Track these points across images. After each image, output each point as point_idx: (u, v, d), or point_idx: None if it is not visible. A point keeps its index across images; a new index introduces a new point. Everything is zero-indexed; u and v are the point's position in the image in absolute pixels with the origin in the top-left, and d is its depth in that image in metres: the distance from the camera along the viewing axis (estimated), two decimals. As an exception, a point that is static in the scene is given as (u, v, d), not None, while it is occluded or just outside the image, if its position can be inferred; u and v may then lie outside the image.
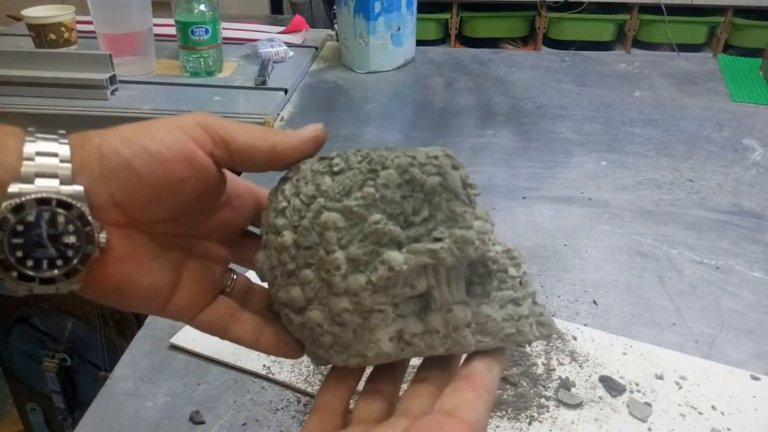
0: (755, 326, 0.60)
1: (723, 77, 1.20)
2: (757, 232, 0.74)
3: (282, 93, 1.08)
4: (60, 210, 0.27)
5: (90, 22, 1.13)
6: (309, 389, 0.52)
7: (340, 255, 0.29)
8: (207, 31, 1.09)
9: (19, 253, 0.27)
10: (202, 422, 0.50)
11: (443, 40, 2.46)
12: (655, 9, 2.30)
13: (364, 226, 0.29)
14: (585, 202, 0.80)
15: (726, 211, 0.78)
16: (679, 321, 0.60)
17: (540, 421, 0.50)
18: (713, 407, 0.51)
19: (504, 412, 0.50)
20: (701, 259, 0.69)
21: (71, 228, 0.27)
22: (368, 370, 0.33)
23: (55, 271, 0.27)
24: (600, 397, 0.52)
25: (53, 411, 1.19)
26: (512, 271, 0.33)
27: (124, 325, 1.06)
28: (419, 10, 1.25)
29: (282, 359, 0.55)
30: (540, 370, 0.54)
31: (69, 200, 0.27)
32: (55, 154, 0.27)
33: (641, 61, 1.29)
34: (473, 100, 1.10)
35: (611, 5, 2.34)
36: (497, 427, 0.49)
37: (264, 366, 0.54)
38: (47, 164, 0.27)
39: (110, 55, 1.04)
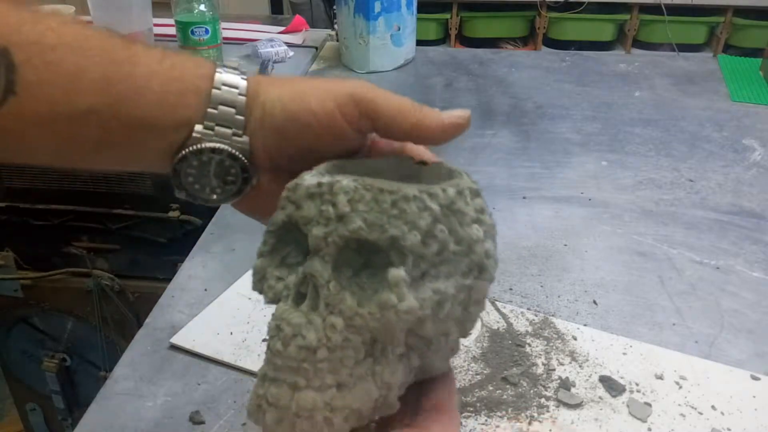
0: (755, 326, 0.60)
1: (723, 77, 1.20)
2: (757, 232, 0.74)
3: (282, 93, 1.08)
4: (228, 159, 0.33)
5: (90, 22, 1.13)
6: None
7: None
8: (207, 31, 1.09)
9: (191, 179, 0.34)
10: (202, 422, 0.50)
11: (443, 40, 2.46)
12: (655, 9, 2.30)
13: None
14: (585, 202, 0.80)
15: (726, 211, 0.78)
16: (679, 321, 0.60)
17: (540, 421, 0.50)
18: (713, 407, 0.51)
19: (504, 412, 0.50)
20: (701, 259, 0.69)
21: (233, 171, 0.34)
22: None
23: (214, 196, 0.35)
24: (600, 397, 0.52)
25: (53, 411, 1.19)
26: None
27: (124, 325, 1.06)
28: (419, 10, 1.25)
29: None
30: (540, 370, 0.54)
31: (236, 153, 0.33)
32: (233, 106, 0.33)
33: (641, 61, 1.29)
34: (473, 100, 1.10)
35: (611, 5, 2.34)
36: (497, 427, 0.49)
37: (264, 366, 0.54)
38: (226, 116, 0.33)
39: (110, 55, 1.04)
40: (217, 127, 0.33)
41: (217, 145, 0.33)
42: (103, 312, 1.05)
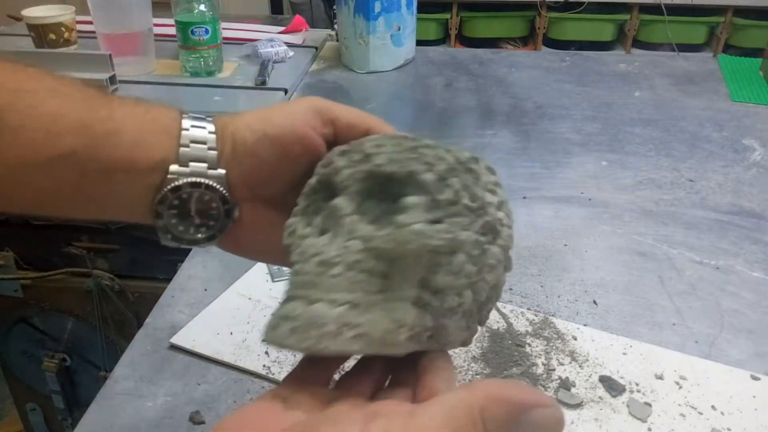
0: (755, 326, 0.60)
1: (723, 77, 1.20)
2: (757, 232, 0.74)
3: (282, 93, 1.08)
4: (207, 192, 0.34)
5: (90, 22, 1.13)
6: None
7: None
8: (207, 31, 1.09)
9: (173, 220, 0.35)
10: (202, 422, 0.50)
11: (443, 40, 2.46)
12: (655, 9, 2.30)
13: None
14: (585, 202, 0.80)
15: (726, 211, 0.78)
16: (679, 321, 0.60)
17: (540, 421, 0.50)
18: (713, 407, 0.51)
19: (504, 412, 0.50)
20: (701, 259, 0.69)
21: (214, 205, 0.35)
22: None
23: (199, 236, 0.36)
24: (600, 397, 0.52)
25: (53, 411, 1.19)
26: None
27: (124, 325, 1.06)
28: (419, 10, 1.25)
29: (282, 359, 0.55)
30: (540, 370, 0.54)
31: (214, 185, 0.34)
32: (204, 142, 0.34)
33: (641, 61, 1.29)
34: (473, 100, 1.10)
35: (611, 5, 2.34)
36: (497, 427, 0.49)
37: (264, 366, 0.54)
38: (198, 152, 0.34)
39: (110, 55, 1.04)
40: (191, 164, 0.34)
41: (194, 179, 0.34)
42: (103, 312, 1.05)
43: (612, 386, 0.53)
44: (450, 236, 0.30)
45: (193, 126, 0.34)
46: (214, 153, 0.34)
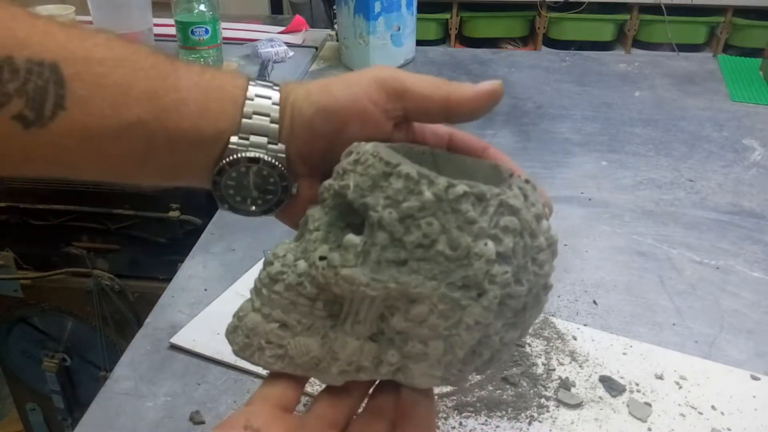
0: (755, 326, 0.60)
1: (723, 77, 1.20)
2: (757, 232, 0.74)
3: (282, 93, 1.08)
4: (264, 167, 0.33)
5: (90, 22, 1.13)
6: (309, 389, 0.52)
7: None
8: (207, 31, 1.09)
9: (231, 191, 0.34)
10: (202, 422, 0.50)
11: (443, 40, 2.46)
12: (655, 9, 2.30)
13: None
14: (585, 202, 0.80)
15: (726, 211, 0.78)
16: (679, 321, 0.60)
17: (540, 421, 0.50)
18: (713, 407, 0.51)
19: (504, 412, 0.50)
20: (701, 259, 0.69)
21: (272, 180, 0.34)
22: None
23: (254, 208, 0.35)
24: (600, 397, 0.52)
25: (53, 411, 1.19)
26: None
27: (124, 325, 1.06)
28: (419, 10, 1.25)
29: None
30: (540, 370, 0.54)
31: (272, 161, 0.33)
32: (267, 114, 0.33)
33: (641, 61, 1.29)
34: (473, 100, 1.10)
35: (611, 5, 2.34)
36: (497, 427, 0.49)
37: (264, 366, 0.54)
38: (260, 124, 0.33)
39: (110, 55, 1.04)
40: (252, 137, 0.33)
41: (253, 154, 0.33)
42: (103, 312, 1.05)
43: (612, 386, 0.53)
44: (400, 289, 0.26)
45: (257, 96, 0.33)
46: (275, 127, 0.33)
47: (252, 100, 0.33)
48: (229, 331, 0.32)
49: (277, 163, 0.33)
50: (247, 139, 0.33)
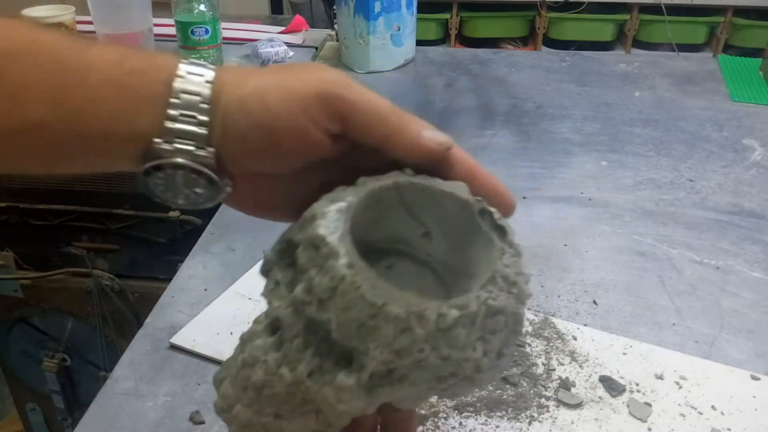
0: (755, 326, 0.60)
1: (723, 77, 1.20)
2: (757, 232, 0.74)
3: (282, 93, 1.08)
4: (192, 174, 0.30)
5: (90, 22, 1.13)
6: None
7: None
8: (207, 31, 1.09)
9: (160, 188, 0.31)
10: (202, 422, 0.50)
11: (443, 40, 2.46)
12: (655, 9, 2.30)
13: None
14: (585, 202, 0.80)
15: (726, 211, 0.78)
16: (679, 321, 0.60)
17: (540, 421, 0.50)
18: (713, 407, 0.51)
19: (504, 412, 0.50)
20: (701, 259, 0.69)
21: (202, 182, 0.31)
22: None
23: (182, 202, 0.32)
24: (600, 397, 0.52)
25: (53, 411, 1.19)
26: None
27: (124, 325, 1.06)
28: (419, 10, 1.25)
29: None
30: (540, 370, 0.54)
31: (199, 167, 0.30)
32: (194, 117, 0.29)
33: (641, 61, 1.29)
34: (473, 100, 1.10)
35: (611, 5, 2.34)
36: (497, 427, 0.49)
37: (264, 366, 0.54)
38: (186, 127, 0.29)
39: (110, 55, 1.04)
40: (177, 142, 0.29)
41: (178, 160, 0.30)
42: (103, 312, 1.05)
43: (612, 386, 0.53)
44: (389, 399, 0.28)
45: (184, 93, 0.29)
46: (203, 132, 0.29)
47: (177, 99, 0.29)
48: (215, 378, 0.32)
49: (204, 169, 0.30)
50: (172, 143, 0.29)
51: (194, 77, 0.29)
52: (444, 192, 0.31)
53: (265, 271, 0.32)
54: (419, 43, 1.29)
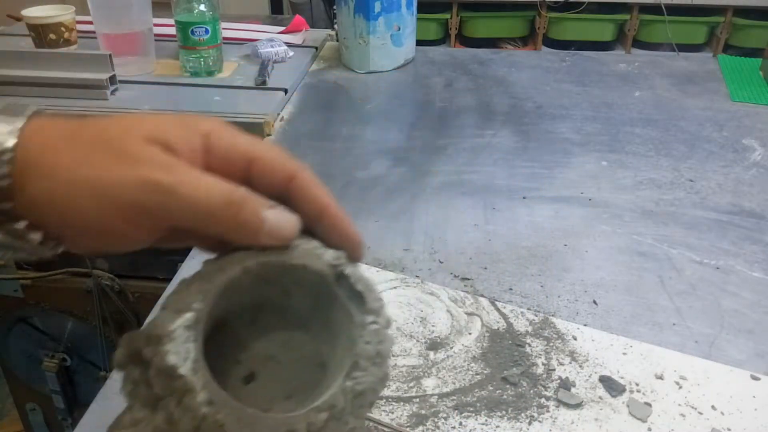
0: (755, 326, 0.60)
1: (723, 77, 1.20)
2: (757, 232, 0.74)
3: (282, 93, 1.08)
4: None
5: (90, 22, 1.13)
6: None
7: None
8: (207, 31, 1.09)
9: None
10: (202, 422, 0.50)
11: (443, 40, 2.46)
12: (655, 9, 2.30)
13: None
14: (585, 202, 0.80)
15: (726, 211, 0.78)
16: (679, 321, 0.60)
17: (540, 421, 0.50)
18: (713, 407, 0.51)
19: (504, 412, 0.50)
20: (701, 259, 0.69)
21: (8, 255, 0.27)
22: None
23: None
24: (600, 397, 0.52)
25: (53, 411, 1.19)
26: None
27: (124, 325, 1.06)
28: (419, 10, 1.25)
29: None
30: (540, 370, 0.54)
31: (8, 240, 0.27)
32: None
33: (641, 61, 1.29)
34: (473, 100, 1.10)
35: (611, 5, 2.34)
36: (497, 427, 0.49)
37: (264, 366, 0.54)
38: None
39: (110, 55, 1.04)
40: None
41: None
42: (103, 312, 1.05)
43: (612, 386, 0.53)
44: None
45: None
46: (7, 206, 0.26)
47: None
48: None
49: (5, 251, 0.27)
50: None
51: None
52: (296, 266, 0.30)
53: (119, 367, 0.29)
54: (419, 43, 1.29)
